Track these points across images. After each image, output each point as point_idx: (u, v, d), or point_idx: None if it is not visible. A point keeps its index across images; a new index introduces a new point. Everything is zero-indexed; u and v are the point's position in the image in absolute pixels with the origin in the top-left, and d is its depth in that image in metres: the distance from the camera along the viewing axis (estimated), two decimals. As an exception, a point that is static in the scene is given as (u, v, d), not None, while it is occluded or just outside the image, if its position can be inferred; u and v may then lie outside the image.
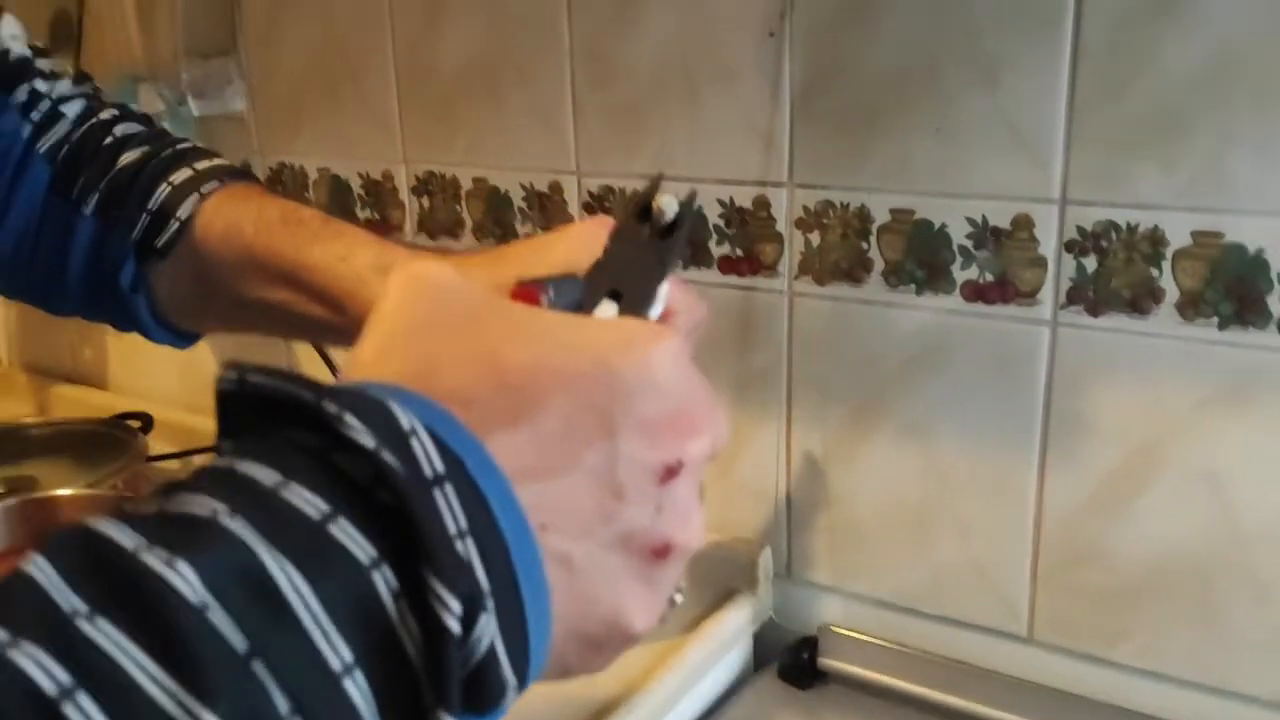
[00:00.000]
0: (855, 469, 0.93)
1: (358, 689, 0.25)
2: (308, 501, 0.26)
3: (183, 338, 0.68)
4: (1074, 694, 0.86)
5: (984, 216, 0.83)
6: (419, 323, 0.32)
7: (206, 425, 1.32)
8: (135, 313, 0.63)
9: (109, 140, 0.64)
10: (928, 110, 0.83)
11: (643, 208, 0.44)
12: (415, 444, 0.27)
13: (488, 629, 0.27)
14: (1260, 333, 0.74)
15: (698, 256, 0.97)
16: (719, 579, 0.97)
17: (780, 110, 0.89)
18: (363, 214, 1.18)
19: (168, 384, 1.42)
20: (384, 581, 0.26)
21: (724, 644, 0.93)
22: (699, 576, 0.90)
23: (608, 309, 0.40)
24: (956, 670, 0.90)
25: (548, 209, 1.05)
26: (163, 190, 0.61)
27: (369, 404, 0.27)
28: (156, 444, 1.28)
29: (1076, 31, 0.76)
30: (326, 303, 0.58)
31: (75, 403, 1.45)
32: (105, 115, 0.66)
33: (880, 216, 0.87)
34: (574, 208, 1.03)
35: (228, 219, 0.61)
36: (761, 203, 0.92)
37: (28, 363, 1.59)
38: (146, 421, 1.27)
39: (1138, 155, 0.76)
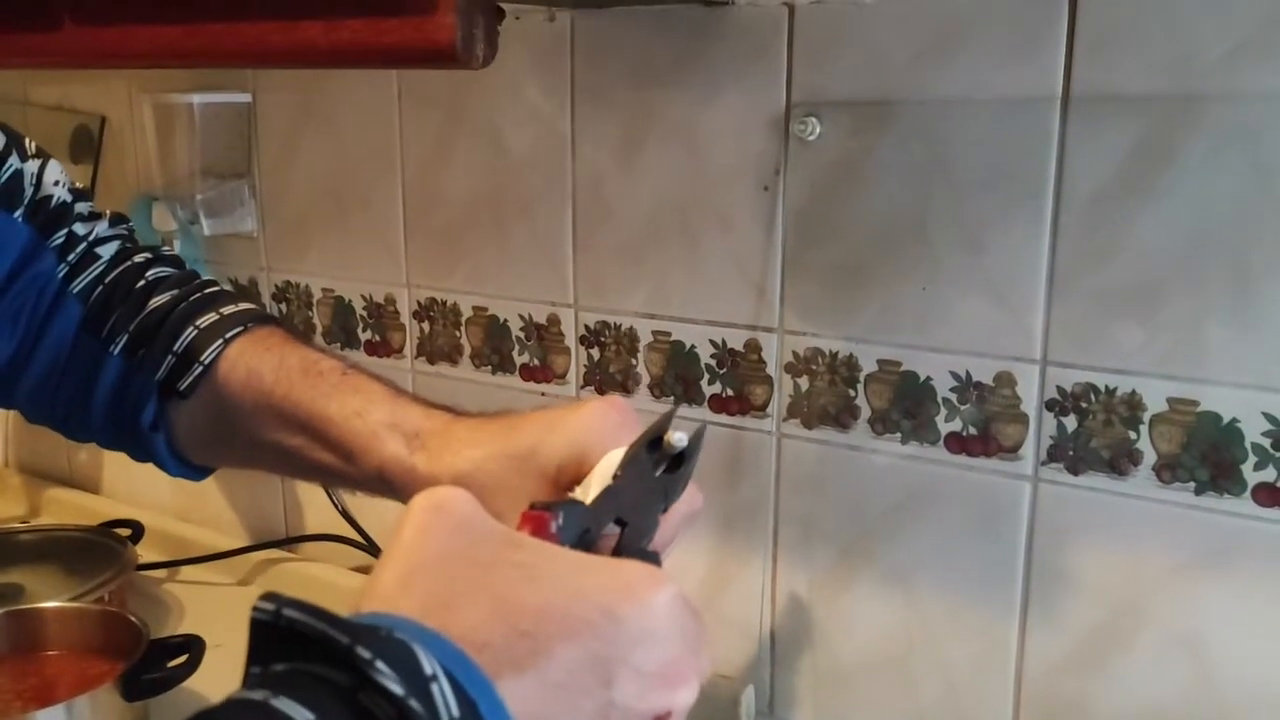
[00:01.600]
0: (840, 610, 0.94)
1: None
2: None
3: (197, 471, 0.69)
4: None
5: (968, 372, 0.85)
6: (438, 557, 0.34)
7: (196, 535, 1.32)
8: (153, 448, 0.65)
9: (141, 284, 0.67)
10: (915, 267, 0.86)
11: (654, 438, 0.46)
12: (436, 689, 0.29)
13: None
14: (1236, 500, 0.76)
15: (690, 393, 0.99)
16: (700, 716, 0.97)
17: (772, 259, 0.92)
18: (364, 334, 1.20)
19: (159, 492, 1.43)
20: None
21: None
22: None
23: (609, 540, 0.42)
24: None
25: (545, 339, 1.07)
26: (189, 334, 0.64)
27: (397, 648, 0.29)
28: (146, 552, 1.28)
29: (1057, 202, 0.79)
30: (339, 452, 0.60)
31: (68, 506, 1.45)
32: (139, 258, 0.69)
33: (868, 366, 0.89)
34: (570, 340, 1.06)
35: (249, 365, 0.63)
36: (753, 346, 0.95)
37: (23, 464, 1.60)
38: (136, 530, 1.27)
39: (1116, 322, 0.78)
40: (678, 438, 0.46)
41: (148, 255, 0.70)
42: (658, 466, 0.49)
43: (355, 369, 0.63)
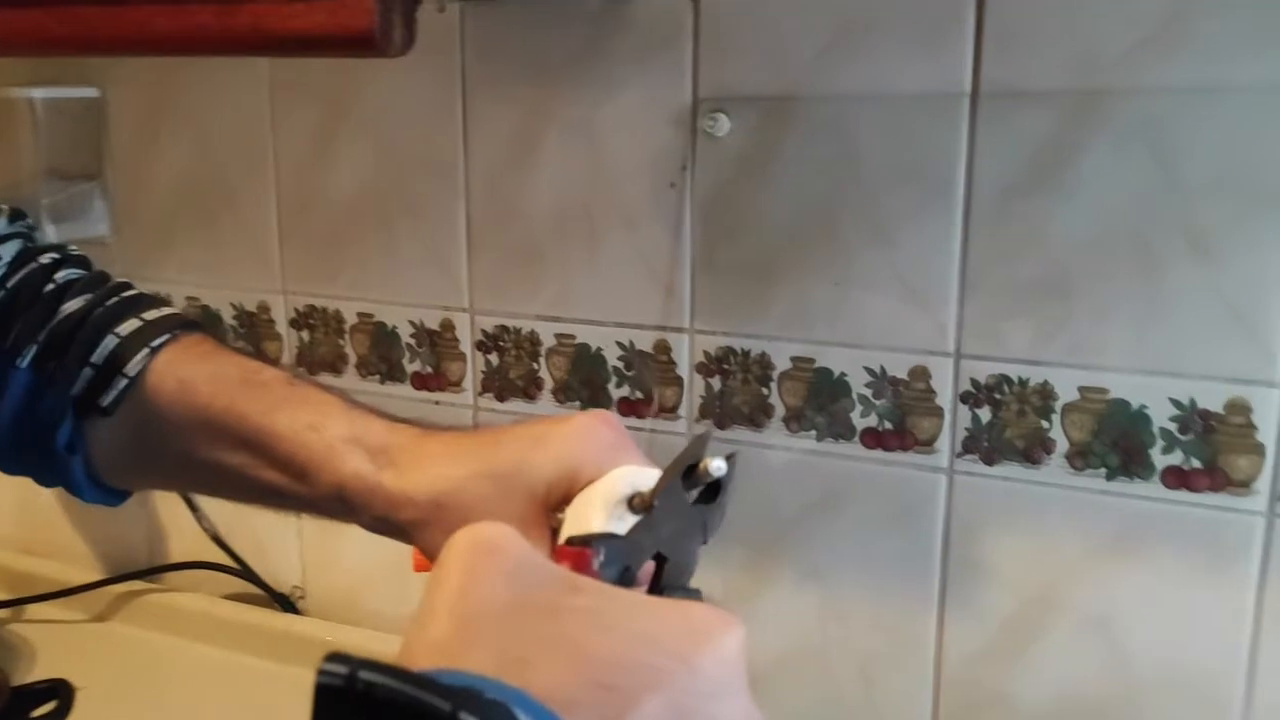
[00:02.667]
0: (757, 609, 0.93)
1: None
2: None
3: (114, 495, 0.61)
4: (978, 840, 0.86)
5: (882, 367, 0.85)
6: (500, 606, 0.31)
7: (42, 569, 1.21)
8: (67, 472, 0.57)
9: (50, 287, 0.59)
10: (827, 263, 0.85)
11: (689, 467, 0.44)
12: None
13: None
14: (1145, 484, 0.78)
15: (596, 397, 0.96)
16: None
17: (681, 257, 0.90)
18: (235, 345, 1.12)
19: (2, 524, 1.31)
20: None
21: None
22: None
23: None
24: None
25: (438, 346, 1.03)
26: (109, 343, 0.56)
27: (498, 714, 0.25)
28: (-10, 590, 1.17)
29: (968, 197, 0.80)
30: (289, 471, 0.54)
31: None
32: (45, 259, 0.60)
33: (781, 363, 0.89)
34: (466, 345, 1.01)
35: (181, 376, 0.56)
36: (662, 346, 0.93)
37: None
38: (-23, 566, 1.16)
39: (1028, 313, 0.80)
40: (715, 466, 0.44)
41: (54, 256, 0.62)
42: (691, 495, 0.46)
43: (301, 379, 0.58)
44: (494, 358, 1.00)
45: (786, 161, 0.85)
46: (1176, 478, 0.77)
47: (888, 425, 0.86)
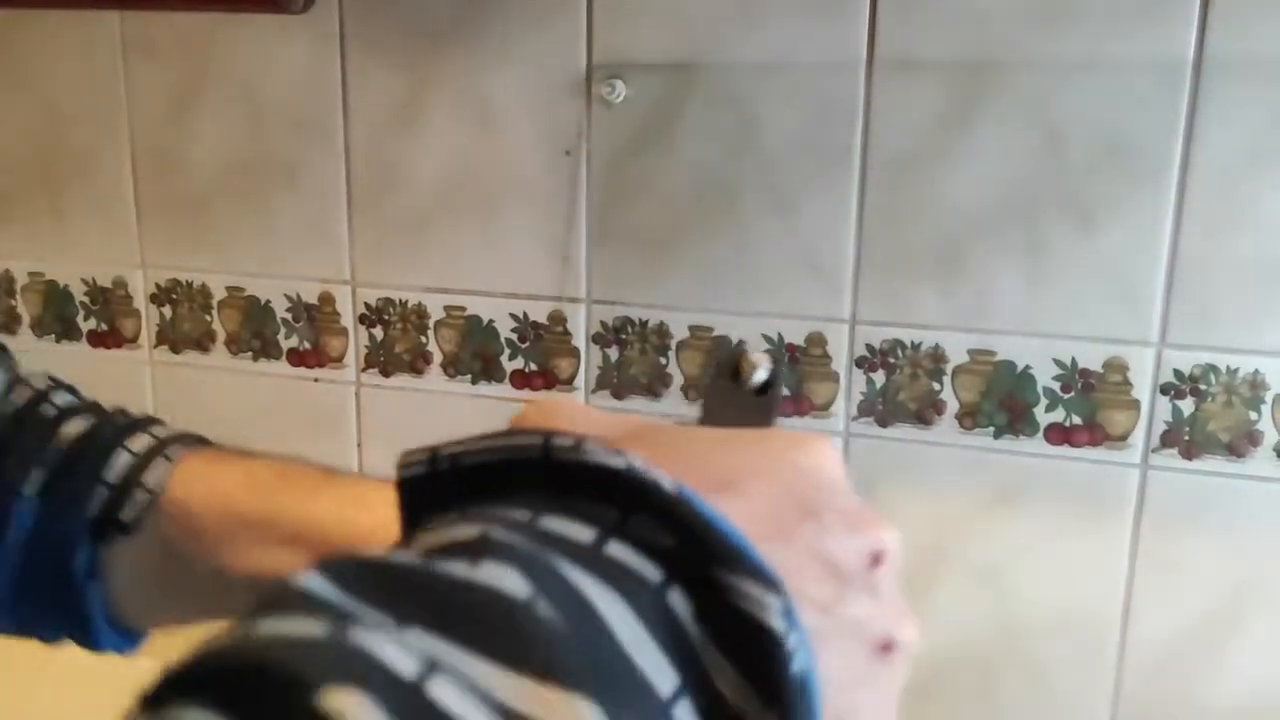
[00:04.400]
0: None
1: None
2: (572, 528, 0.25)
3: (129, 639, 0.54)
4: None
5: (780, 334, 0.86)
6: (618, 426, 0.32)
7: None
8: (85, 607, 0.48)
9: (49, 413, 0.51)
10: (726, 232, 0.86)
11: (732, 369, 0.43)
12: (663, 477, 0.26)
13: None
14: (1030, 440, 0.83)
15: (489, 370, 0.94)
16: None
17: (577, 226, 0.89)
18: (87, 324, 1.05)
19: None
20: (679, 601, 0.24)
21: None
22: None
23: None
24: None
25: (316, 320, 0.98)
26: (121, 458, 0.49)
27: (605, 451, 0.26)
28: None
29: (864, 166, 0.82)
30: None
31: None
32: (38, 384, 0.53)
33: (679, 333, 0.89)
34: (347, 320, 0.97)
35: (208, 483, 0.49)
36: (557, 317, 0.92)
37: None
38: None
39: (920, 280, 0.82)
40: (759, 359, 0.43)
41: (48, 382, 0.54)
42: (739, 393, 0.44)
43: (336, 470, 0.53)
44: (378, 332, 0.97)
45: (685, 130, 0.85)
46: (1059, 434, 0.82)
47: (785, 392, 0.87)
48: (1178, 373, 0.79)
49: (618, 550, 0.25)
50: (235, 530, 0.49)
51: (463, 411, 0.96)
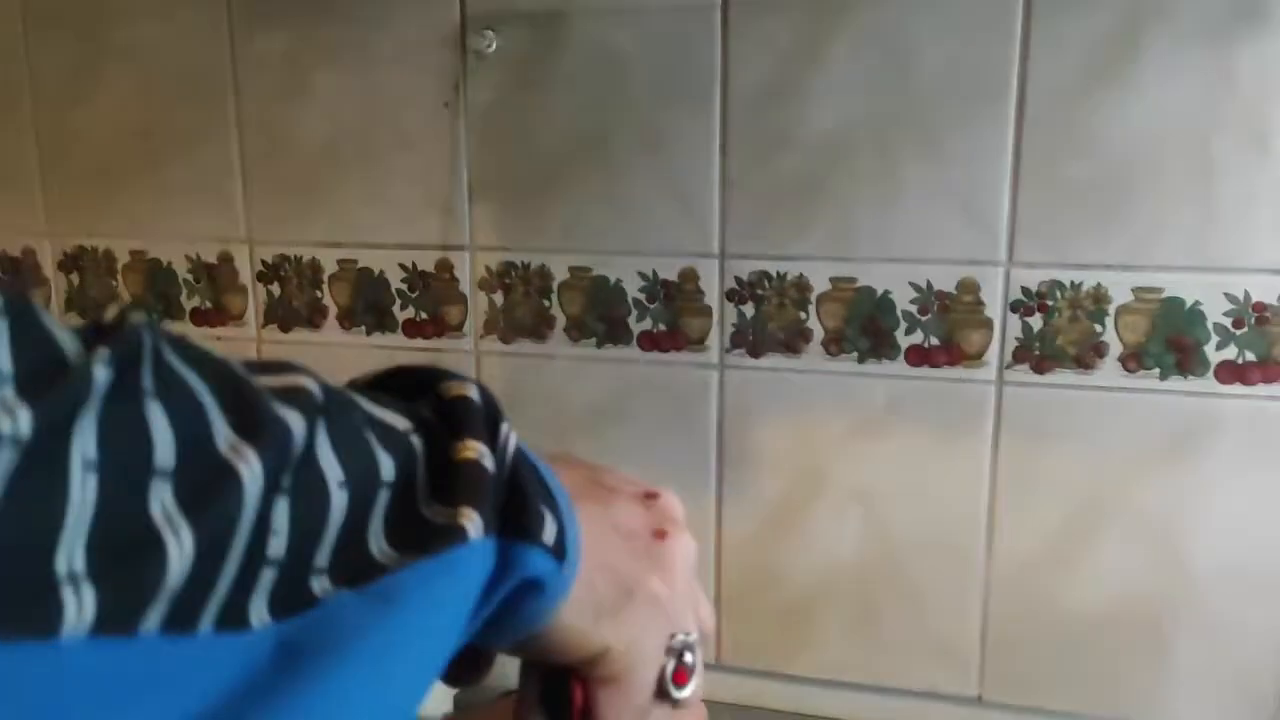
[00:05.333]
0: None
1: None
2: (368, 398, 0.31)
3: None
4: (758, 707, 0.92)
5: (655, 271, 0.89)
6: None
7: None
8: None
9: None
10: (600, 175, 0.89)
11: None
12: (505, 429, 0.32)
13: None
14: (892, 363, 0.86)
15: (382, 321, 0.97)
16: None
17: (458, 176, 0.92)
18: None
19: None
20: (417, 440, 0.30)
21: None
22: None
23: None
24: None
25: (216, 280, 1.01)
26: None
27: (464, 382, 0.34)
28: None
29: (724, 102, 0.85)
30: None
31: None
32: None
33: (560, 274, 0.92)
34: (246, 277, 1.00)
35: None
36: (444, 265, 0.94)
37: None
38: None
39: (784, 211, 0.86)
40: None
41: None
42: None
43: None
44: (275, 288, 1.00)
45: (557, 77, 0.88)
46: (918, 355, 0.85)
47: (661, 327, 0.90)
48: (1025, 290, 0.82)
49: (386, 404, 0.31)
50: None
51: (361, 363, 0.98)
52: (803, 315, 0.87)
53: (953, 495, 0.86)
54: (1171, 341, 0.79)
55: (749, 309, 0.88)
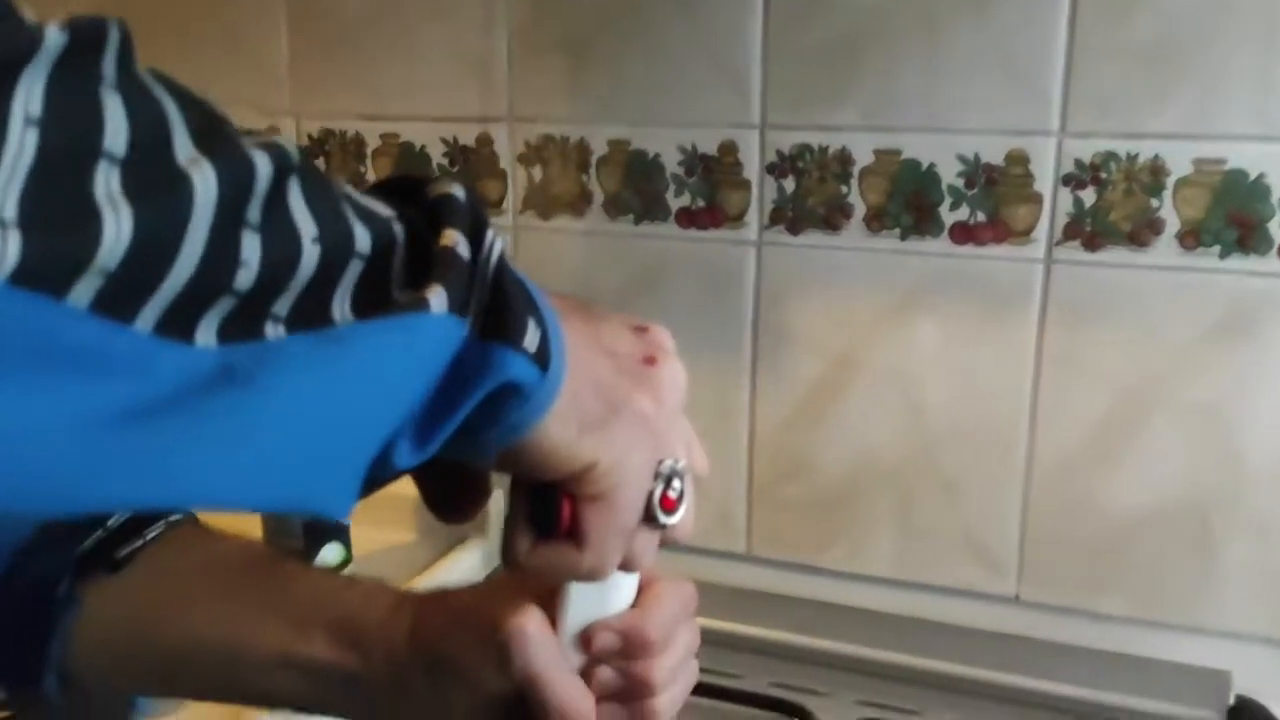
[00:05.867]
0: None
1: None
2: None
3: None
4: (789, 597, 0.90)
5: (694, 144, 0.87)
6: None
7: None
8: (49, 631, 0.48)
9: None
10: (640, 40, 0.87)
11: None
12: (489, 236, 0.32)
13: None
14: (935, 240, 0.82)
15: (422, 197, 0.97)
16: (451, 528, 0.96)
17: (498, 42, 0.91)
18: None
19: None
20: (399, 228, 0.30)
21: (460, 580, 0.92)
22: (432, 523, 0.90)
23: None
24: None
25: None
26: (123, 514, 0.52)
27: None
28: None
29: (769, -34, 0.82)
30: (339, 637, 0.46)
31: None
32: None
33: (599, 149, 0.90)
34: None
35: (207, 546, 0.51)
36: (484, 139, 0.94)
37: None
38: None
39: (825, 80, 0.82)
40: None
41: None
42: None
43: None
44: (320, 163, 1.00)
45: (598, -58, 0.86)
46: (963, 232, 0.81)
47: (700, 203, 0.88)
48: (1078, 162, 0.78)
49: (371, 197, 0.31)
50: (220, 593, 0.48)
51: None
52: (844, 189, 0.84)
53: (994, 382, 0.83)
54: (1233, 217, 0.75)
55: (789, 183, 0.85)
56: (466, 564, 0.93)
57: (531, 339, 0.31)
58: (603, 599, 0.43)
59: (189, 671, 0.48)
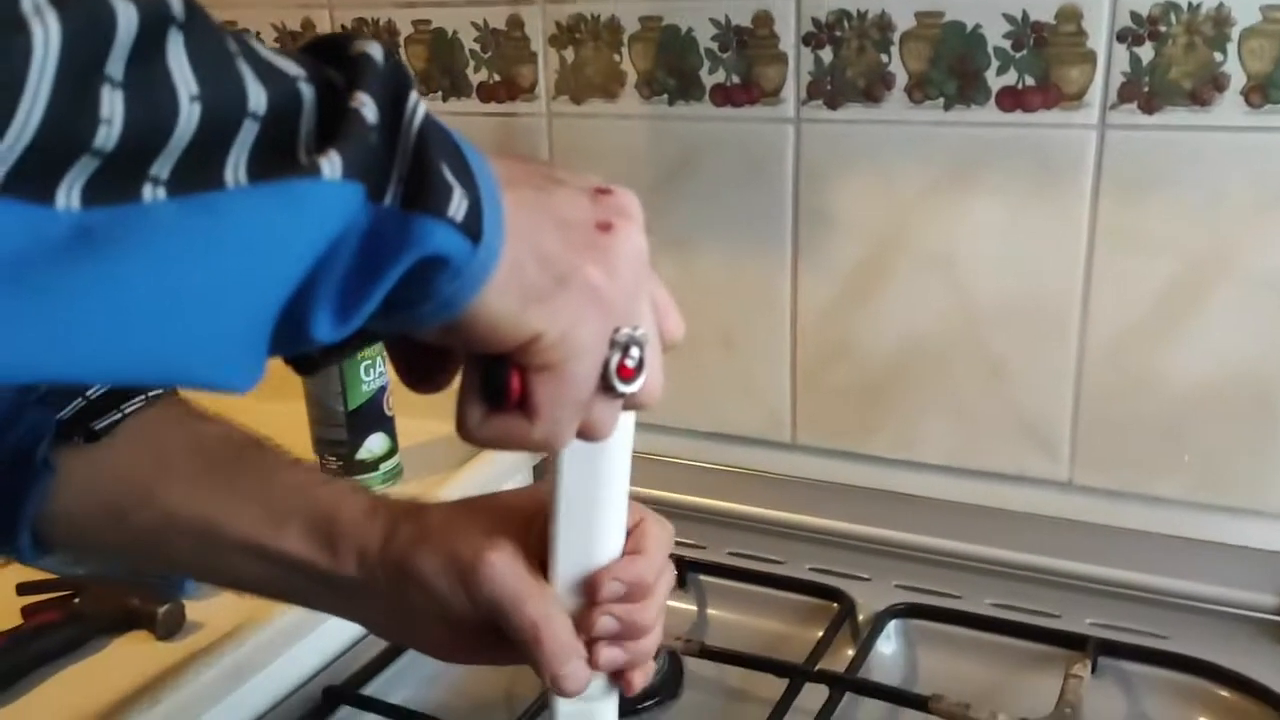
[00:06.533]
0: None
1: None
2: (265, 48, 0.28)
3: (45, 555, 0.52)
4: (833, 484, 0.89)
5: (727, 16, 0.84)
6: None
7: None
8: (28, 491, 0.48)
9: None
10: (668, -89, 0.83)
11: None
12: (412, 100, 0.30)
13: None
14: (981, 109, 0.78)
15: (456, 86, 0.95)
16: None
17: (527, -78, 0.88)
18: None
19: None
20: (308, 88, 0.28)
21: (504, 470, 0.93)
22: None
23: None
24: (726, 476, 0.92)
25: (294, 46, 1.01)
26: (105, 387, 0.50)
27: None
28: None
29: None
30: (313, 534, 0.46)
31: None
32: None
33: (630, 26, 0.87)
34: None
35: (191, 426, 0.51)
36: (515, 22, 0.91)
37: None
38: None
39: (863, -59, 0.78)
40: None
41: None
42: None
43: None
44: (356, 54, 0.99)
45: None
46: (1011, 98, 0.77)
47: (735, 79, 0.85)
48: (1134, 15, 0.72)
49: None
50: (199, 474, 0.48)
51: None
52: (884, 58, 0.80)
53: (1045, 258, 0.79)
54: (1306, 68, 0.69)
55: (826, 54, 0.81)
56: (509, 456, 0.93)
57: (457, 208, 0.30)
58: (592, 544, 0.43)
59: (160, 549, 0.49)
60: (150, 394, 0.51)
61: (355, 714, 0.72)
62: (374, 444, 0.90)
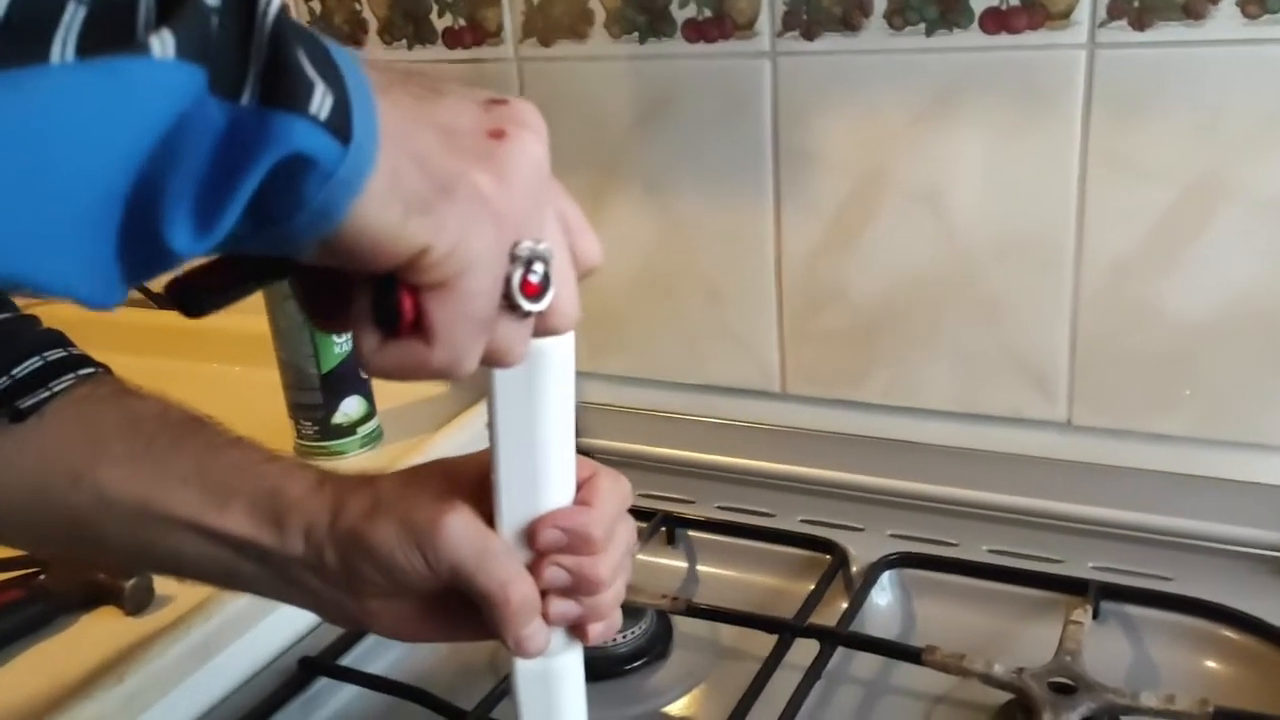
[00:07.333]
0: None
1: None
2: None
3: None
4: (823, 433, 0.86)
5: (697, -53, 0.80)
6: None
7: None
8: None
9: None
10: None
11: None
12: None
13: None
14: (964, 33, 0.74)
15: (420, 32, 0.91)
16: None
17: None
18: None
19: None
20: None
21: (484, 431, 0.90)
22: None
23: None
24: (714, 429, 0.89)
25: None
26: (32, 363, 0.48)
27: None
28: None
29: None
30: (257, 512, 0.44)
31: None
32: None
33: (597, -37, 0.83)
34: (289, -2, 0.96)
35: (123, 404, 0.48)
36: (479, -36, 0.87)
37: None
38: None
39: None
40: None
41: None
42: None
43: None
44: (316, 5, 0.95)
45: None
46: (995, 20, 0.73)
47: (707, 12, 0.81)
48: (1124, -75, 0.68)
49: None
50: (135, 454, 0.46)
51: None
52: (861, -16, 0.76)
53: (1036, 188, 0.75)
54: (1308, -27, 0.65)
55: (801, -18, 0.77)
56: (485, 418, 0.91)
57: (321, 105, 0.27)
58: (536, 491, 0.41)
59: (92, 532, 0.46)
60: (81, 372, 0.49)
61: (333, 685, 0.70)
62: (350, 407, 0.88)
